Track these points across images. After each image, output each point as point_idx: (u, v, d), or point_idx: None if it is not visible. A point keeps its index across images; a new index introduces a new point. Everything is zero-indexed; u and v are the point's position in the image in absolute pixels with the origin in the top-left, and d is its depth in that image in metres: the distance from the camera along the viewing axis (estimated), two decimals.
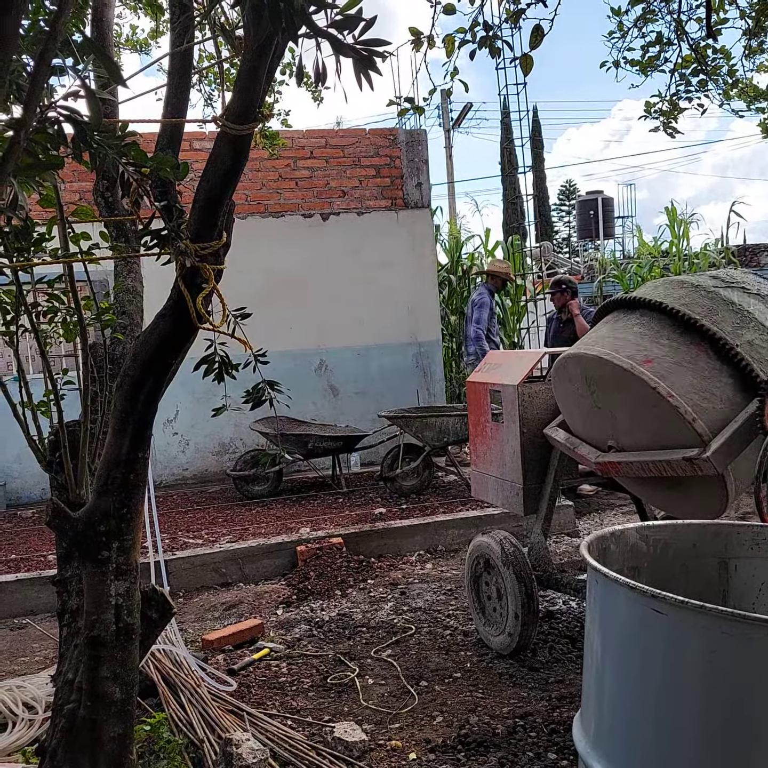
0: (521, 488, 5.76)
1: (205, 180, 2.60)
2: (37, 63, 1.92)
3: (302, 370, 12.92)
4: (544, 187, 51.10)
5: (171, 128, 3.17)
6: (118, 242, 3.74)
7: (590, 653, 3.06)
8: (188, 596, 7.73)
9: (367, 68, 2.21)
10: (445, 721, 4.84)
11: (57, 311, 3.50)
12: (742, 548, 3.42)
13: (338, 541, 8.31)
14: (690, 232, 23.00)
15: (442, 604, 6.97)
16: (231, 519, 10.03)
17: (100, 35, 3.81)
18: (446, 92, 7.70)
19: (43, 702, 4.89)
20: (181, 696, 4.91)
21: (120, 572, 3.02)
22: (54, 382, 3.28)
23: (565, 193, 74.57)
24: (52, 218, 3.11)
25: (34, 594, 7.55)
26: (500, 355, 6.98)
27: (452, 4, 6.33)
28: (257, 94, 2.45)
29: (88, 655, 3.01)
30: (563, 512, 8.97)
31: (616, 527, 3.45)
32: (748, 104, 10.92)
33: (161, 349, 2.84)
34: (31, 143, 2.15)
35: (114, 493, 2.95)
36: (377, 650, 5.97)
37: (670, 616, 2.56)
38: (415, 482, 10.73)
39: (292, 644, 6.23)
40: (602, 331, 4.86)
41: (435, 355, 13.77)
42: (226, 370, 3.38)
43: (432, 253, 14.09)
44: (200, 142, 12.27)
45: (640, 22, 8.63)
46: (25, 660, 6.37)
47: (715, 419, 4.29)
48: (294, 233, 13.00)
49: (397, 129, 13.83)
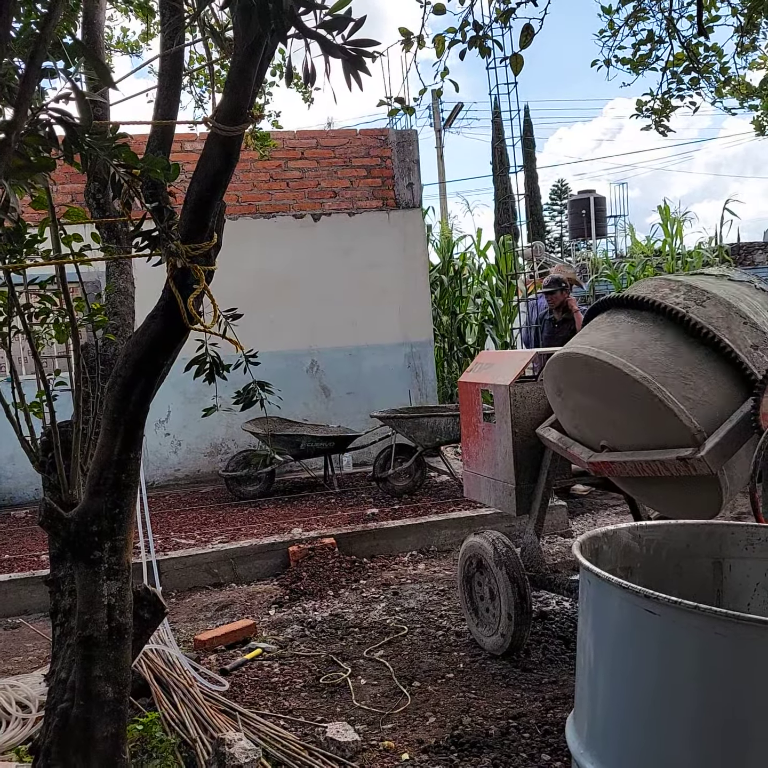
0: (514, 488, 5.77)
1: (195, 181, 2.60)
2: (28, 65, 1.92)
3: (294, 370, 12.92)
4: (535, 187, 51.06)
5: (162, 130, 3.17)
6: (110, 243, 3.75)
7: (583, 654, 3.06)
8: (180, 596, 7.72)
9: (357, 68, 2.22)
10: (437, 721, 4.84)
11: (49, 312, 3.50)
12: (737, 548, 3.42)
13: (330, 542, 8.31)
14: (683, 231, 23.04)
15: (434, 604, 6.97)
16: (223, 519, 10.03)
17: (91, 38, 3.81)
18: (437, 92, 7.69)
19: (37, 701, 4.89)
20: (173, 695, 4.91)
21: (112, 572, 3.02)
22: (46, 383, 3.28)
23: (557, 192, 74.54)
24: (44, 220, 3.11)
25: (27, 594, 7.55)
26: (492, 355, 6.99)
27: (442, 4, 6.34)
28: (247, 96, 2.46)
29: (80, 654, 3.01)
30: (556, 512, 8.98)
31: (608, 527, 3.45)
32: (741, 102, 10.94)
33: (153, 350, 2.85)
34: (22, 145, 2.16)
35: (106, 493, 2.96)
36: (370, 651, 5.98)
37: (663, 616, 2.56)
38: (408, 482, 10.74)
39: (285, 644, 6.24)
40: (594, 331, 4.87)
41: (427, 356, 13.76)
42: (217, 370, 3.39)
43: (423, 254, 14.09)
44: (191, 143, 12.26)
45: (631, 21, 8.64)
46: (18, 659, 6.37)
47: (710, 419, 4.30)
48: (285, 234, 13.00)
49: (387, 129, 13.84)
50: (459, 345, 18.28)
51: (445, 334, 18.00)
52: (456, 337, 18.26)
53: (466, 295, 18.73)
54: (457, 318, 18.29)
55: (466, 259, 19.61)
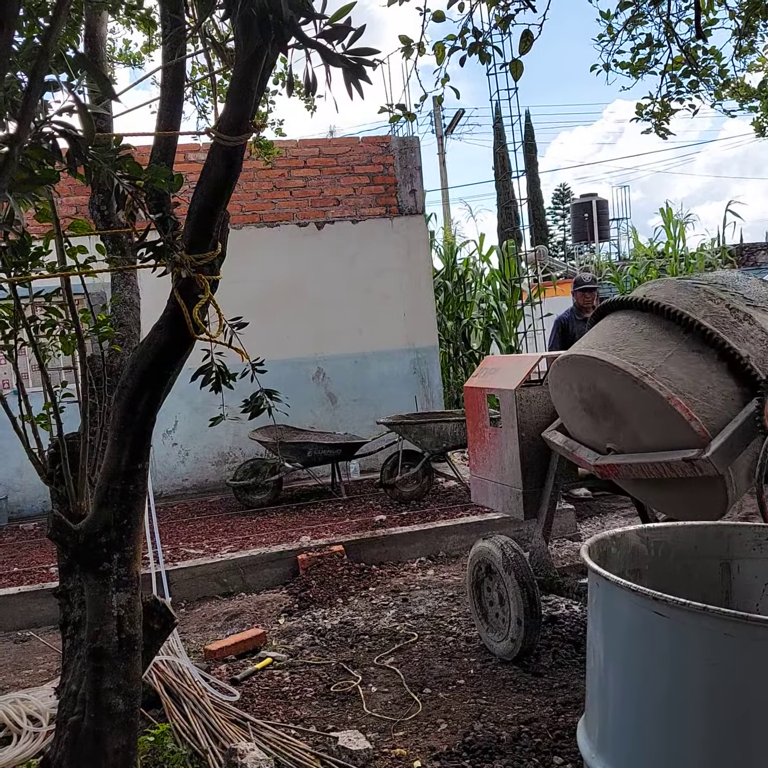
0: (521, 492, 5.75)
1: (199, 191, 2.61)
2: (31, 79, 1.93)
3: (300, 378, 12.92)
4: (538, 191, 51.04)
5: (165, 141, 3.18)
6: (115, 255, 3.76)
7: (593, 657, 3.06)
8: (190, 606, 7.73)
9: (357, 77, 2.23)
10: (449, 728, 4.83)
11: (55, 324, 3.51)
12: (745, 549, 3.41)
13: (339, 549, 8.31)
14: (686, 233, 23.06)
15: (444, 610, 6.97)
16: (232, 528, 10.03)
17: (93, 51, 3.83)
18: (438, 99, 7.74)
19: (48, 714, 4.89)
20: (184, 706, 4.91)
21: (121, 583, 3.03)
22: (53, 395, 3.29)
23: (559, 196, 74.52)
24: (48, 232, 3.12)
25: (36, 606, 7.55)
26: (497, 360, 6.98)
27: (441, 12, 6.35)
28: (249, 106, 2.47)
29: (91, 666, 3.02)
30: (564, 516, 8.97)
31: (616, 530, 3.45)
32: (741, 104, 10.93)
33: (159, 360, 2.86)
34: (26, 159, 2.17)
35: (114, 504, 2.96)
36: (380, 658, 5.97)
37: (672, 618, 2.55)
38: (415, 488, 10.73)
39: (295, 653, 6.23)
40: (600, 333, 4.87)
41: (432, 361, 13.76)
42: (224, 379, 3.39)
43: (427, 260, 14.10)
44: (194, 153, 12.27)
45: (630, 25, 8.63)
46: (29, 672, 6.37)
47: (715, 419, 4.29)
48: (289, 242, 13.02)
49: (390, 137, 13.87)
50: (464, 350, 18.28)
51: (450, 339, 18.01)
52: (461, 342, 18.27)
53: (470, 300, 18.76)
54: (462, 323, 18.30)
55: (470, 265, 19.64)
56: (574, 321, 11.17)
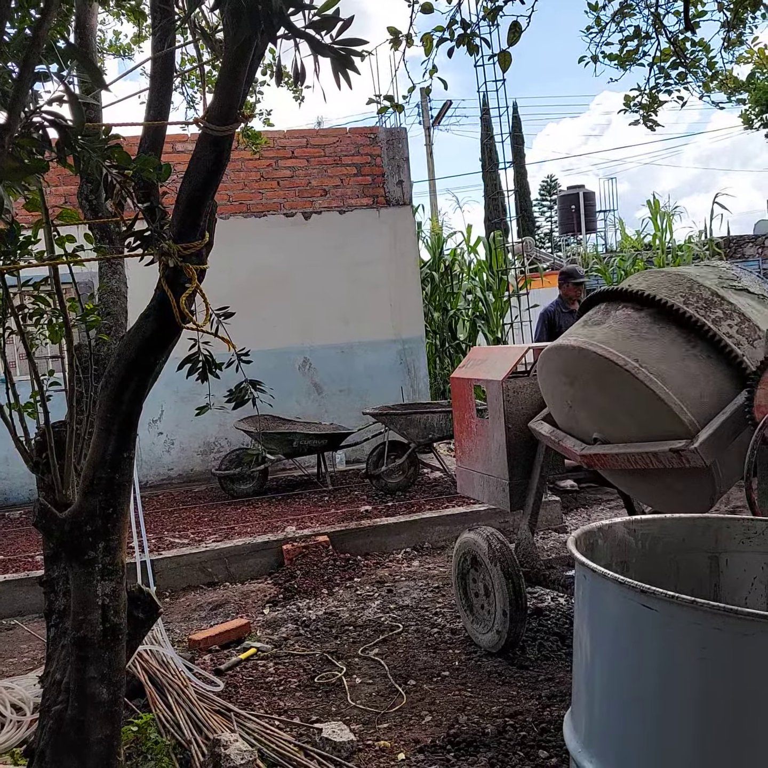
0: (507, 484, 5.76)
1: (187, 181, 2.61)
2: (22, 69, 1.93)
3: (286, 368, 12.91)
4: (525, 183, 51.19)
5: (153, 131, 3.17)
6: (103, 244, 3.75)
7: (580, 650, 3.04)
8: (174, 596, 7.73)
9: (345, 67, 2.23)
10: (434, 720, 4.84)
11: (43, 313, 3.51)
12: (733, 542, 3.41)
13: (324, 540, 8.32)
14: (673, 225, 23.09)
15: (429, 601, 6.98)
16: (217, 518, 10.03)
17: (84, 41, 3.83)
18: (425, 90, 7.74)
19: (31, 703, 4.88)
20: (168, 697, 4.90)
21: (106, 572, 3.02)
22: (40, 384, 3.28)
23: (546, 188, 74.68)
24: (37, 221, 3.12)
25: (21, 595, 7.54)
26: (484, 351, 6.98)
27: (430, 3, 6.35)
28: (237, 96, 2.46)
29: (75, 655, 3.02)
30: (550, 508, 8.98)
31: (603, 522, 3.44)
32: (729, 96, 10.96)
33: (145, 349, 2.85)
34: (16, 148, 2.16)
35: (100, 493, 2.96)
36: (364, 649, 5.98)
37: (660, 611, 2.54)
38: (401, 479, 10.74)
39: (279, 644, 6.24)
40: (587, 323, 4.88)
41: (419, 352, 13.77)
42: (210, 369, 3.39)
43: (414, 250, 14.11)
44: (183, 144, 12.23)
45: (618, 17, 8.65)
46: (13, 661, 6.36)
47: (703, 410, 4.29)
48: (276, 232, 13.00)
49: (377, 127, 13.87)
50: (451, 341, 18.29)
51: (437, 330, 18.01)
52: (448, 333, 18.28)
53: (457, 291, 18.75)
54: (449, 314, 18.30)
55: (457, 256, 19.64)
56: (560, 313, 11.17)
